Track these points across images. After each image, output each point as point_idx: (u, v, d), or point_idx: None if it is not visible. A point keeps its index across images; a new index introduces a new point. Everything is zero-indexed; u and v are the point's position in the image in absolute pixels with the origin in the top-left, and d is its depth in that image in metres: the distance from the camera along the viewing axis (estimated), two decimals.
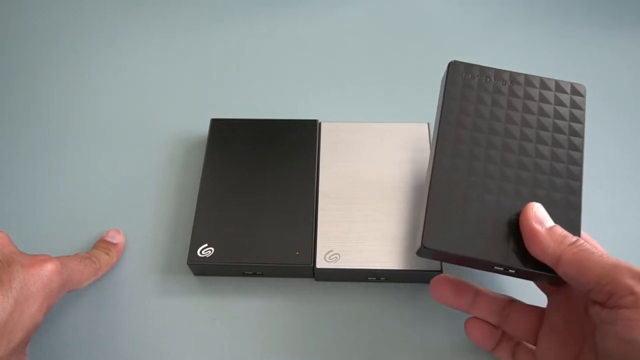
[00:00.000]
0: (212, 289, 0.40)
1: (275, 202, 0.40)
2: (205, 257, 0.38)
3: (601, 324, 0.28)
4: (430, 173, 0.34)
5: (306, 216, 0.39)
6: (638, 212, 0.43)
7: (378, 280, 0.39)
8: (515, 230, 0.32)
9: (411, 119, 0.44)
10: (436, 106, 0.38)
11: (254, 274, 0.39)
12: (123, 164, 0.46)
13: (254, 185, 0.41)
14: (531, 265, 0.31)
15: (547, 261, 0.30)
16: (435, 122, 0.37)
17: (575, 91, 0.37)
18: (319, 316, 0.38)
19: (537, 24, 0.54)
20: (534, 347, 0.34)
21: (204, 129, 0.44)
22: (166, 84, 0.51)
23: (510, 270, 0.32)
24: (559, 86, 0.37)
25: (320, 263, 0.37)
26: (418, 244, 0.33)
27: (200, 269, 0.39)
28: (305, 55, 0.53)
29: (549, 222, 0.31)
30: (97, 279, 0.38)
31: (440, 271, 0.37)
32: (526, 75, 0.37)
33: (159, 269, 0.40)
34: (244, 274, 0.39)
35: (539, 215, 0.31)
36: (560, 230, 0.31)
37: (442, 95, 0.37)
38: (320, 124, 0.44)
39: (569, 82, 0.37)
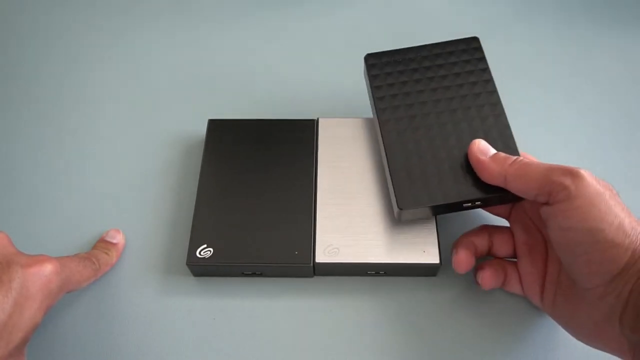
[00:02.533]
0: (211, 289, 0.40)
1: (274, 202, 0.40)
2: (204, 257, 0.38)
3: (547, 220, 0.32)
4: (384, 152, 0.39)
5: (305, 216, 0.39)
6: (638, 213, 0.43)
7: (377, 274, 0.39)
8: (469, 169, 0.36)
9: None
10: None
11: (254, 274, 0.39)
12: (122, 164, 0.46)
13: (252, 185, 0.41)
14: (490, 191, 0.35)
15: (498, 182, 0.34)
16: (373, 112, 0.41)
17: (471, 43, 0.42)
18: (318, 315, 0.38)
19: (535, 24, 0.54)
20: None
21: (202, 129, 0.44)
22: (164, 85, 0.51)
23: (477, 203, 0.36)
24: (457, 44, 0.42)
25: (320, 257, 0.37)
26: (395, 210, 0.37)
27: (199, 269, 0.39)
28: (304, 55, 0.53)
29: (492, 150, 0.36)
30: (97, 279, 0.38)
31: (440, 264, 0.37)
32: (429, 46, 0.42)
33: (159, 269, 0.41)
34: (243, 274, 0.39)
35: (482, 147, 0.36)
36: (501, 154, 0.35)
37: (368, 86, 0.42)
38: (318, 119, 0.44)
39: (462, 39, 0.42)
